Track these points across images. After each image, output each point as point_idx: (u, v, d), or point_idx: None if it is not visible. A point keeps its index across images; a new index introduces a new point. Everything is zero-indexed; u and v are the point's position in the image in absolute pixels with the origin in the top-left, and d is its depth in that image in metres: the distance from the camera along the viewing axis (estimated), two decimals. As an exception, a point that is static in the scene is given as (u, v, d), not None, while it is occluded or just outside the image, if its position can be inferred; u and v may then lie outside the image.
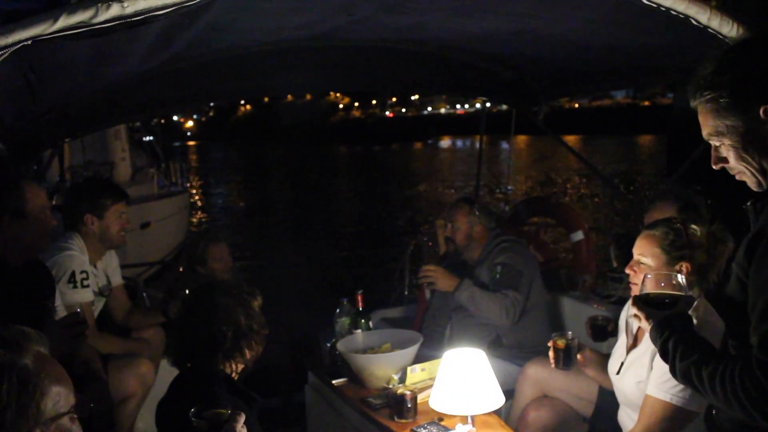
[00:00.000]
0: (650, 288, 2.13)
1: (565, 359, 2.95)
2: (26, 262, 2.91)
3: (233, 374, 2.44)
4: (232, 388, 2.37)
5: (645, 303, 2.11)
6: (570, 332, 2.99)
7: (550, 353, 2.97)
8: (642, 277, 2.35)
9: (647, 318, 2.06)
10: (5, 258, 2.77)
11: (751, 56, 1.72)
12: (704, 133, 1.82)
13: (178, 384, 2.44)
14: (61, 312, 3.15)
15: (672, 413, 2.45)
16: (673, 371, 1.92)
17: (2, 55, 1.88)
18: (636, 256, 2.61)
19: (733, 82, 1.70)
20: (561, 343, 2.94)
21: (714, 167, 1.83)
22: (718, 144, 1.80)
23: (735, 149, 1.76)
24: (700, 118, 1.82)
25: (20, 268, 2.85)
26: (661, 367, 2.47)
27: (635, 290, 2.57)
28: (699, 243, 2.52)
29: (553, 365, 2.98)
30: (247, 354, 2.42)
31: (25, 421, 1.31)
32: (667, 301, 2.08)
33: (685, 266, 2.51)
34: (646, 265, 2.56)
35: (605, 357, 3.05)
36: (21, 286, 2.79)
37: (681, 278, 2.11)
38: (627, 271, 2.66)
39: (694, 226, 2.54)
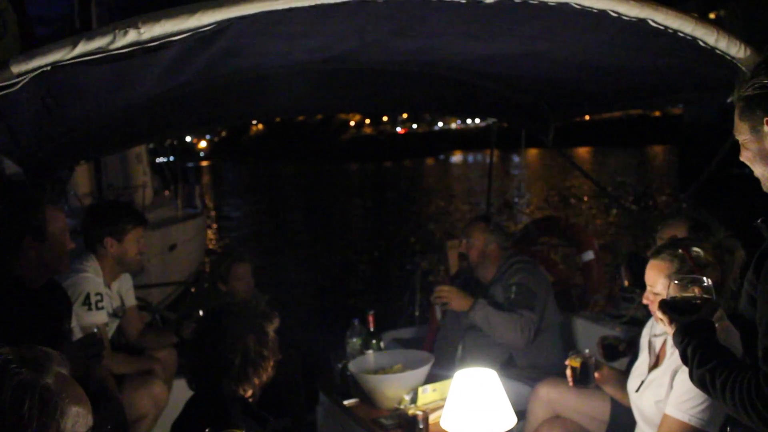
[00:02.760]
0: (676, 292, 2.13)
1: (582, 377, 2.96)
2: (44, 284, 2.93)
3: (247, 395, 2.46)
4: (246, 409, 2.39)
5: (669, 307, 2.11)
6: (587, 350, 3.00)
7: (568, 372, 2.98)
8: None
9: (670, 323, 2.07)
10: (23, 279, 2.80)
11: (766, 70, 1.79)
12: (734, 128, 1.91)
13: (193, 404, 2.46)
14: (77, 333, 3.18)
15: None
16: (691, 376, 1.93)
17: (23, 80, 1.92)
18: (648, 286, 2.62)
19: (754, 87, 1.79)
20: (577, 361, 2.96)
21: (741, 159, 1.91)
22: (740, 140, 1.89)
23: (746, 150, 1.86)
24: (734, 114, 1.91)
25: (38, 290, 2.88)
26: (681, 387, 2.47)
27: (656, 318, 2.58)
28: (706, 263, 2.53)
29: (570, 383, 2.98)
30: (255, 380, 2.44)
31: None
32: (691, 306, 2.08)
33: (698, 290, 2.51)
34: (659, 294, 2.55)
35: (623, 374, 3.05)
36: (38, 308, 2.81)
37: (707, 282, 2.11)
38: (644, 301, 2.67)
39: (696, 249, 2.54)
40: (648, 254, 2.74)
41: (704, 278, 2.13)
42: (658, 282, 2.57)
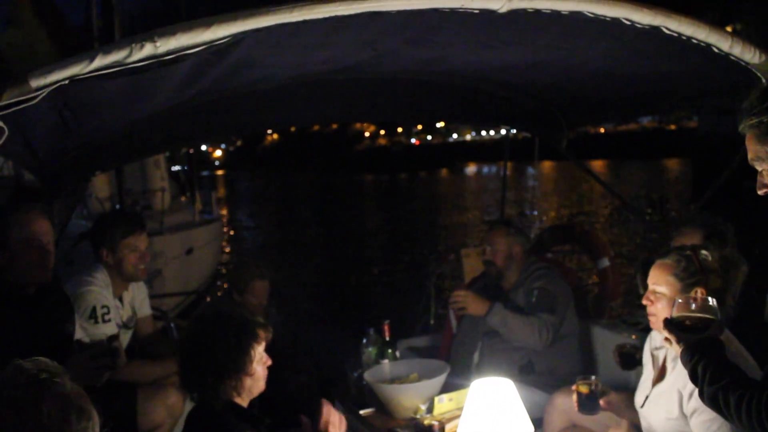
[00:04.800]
0: (681, 311, 2.13)
1: (588, 404, 2.93)
2: (38, 289, 2.92)
3: (243, 403, 2.49)
4: (240, 415, 2.42)
5: (676, 326, 2.10)
6: (594, 377, 2.97)
7: (574, 397, 2.96)
8: (657, 306, 2.35)
9: (678, 342, 2.06)
10: (15, 285, 2.81)
11: None
12: (749, 157, 1.86)
13: (191, 417, 2.49)
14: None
15: None
16: (701, 395, 1.92)
17: (41, 94, 1.95)
18: (651, 285, 2.61)
19: (766, 113, 1.74)
20: (584, 388, 2.92)
21: (759, 192, 1.86)
22: (760, 169, 1.83)
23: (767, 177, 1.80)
24: (746, 143, 1.85)
25: (32, 295, 2.88)
26: (700, 416, 2.41)
27: (653, 321, 2.59)
28: (711, 268, 2.52)
29: (576, 409, 2.96)
30: (243, 385, 2.46)
31: None
32: (698, 325, 2.07)
33: (700, 291, 2.50)
34: (661, 293, 2.55)
35: (630, 397, 3.02)
36: (33, 313, 2.82)
37: (713, 301, 2.10)
38: (644, 302, 2.65)
39: (704, 252, 2.54)
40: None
41: (709, 298, 2.12)
42: (662, 281, 2.56)
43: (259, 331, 2.51)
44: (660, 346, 2.77)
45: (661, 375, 2.77)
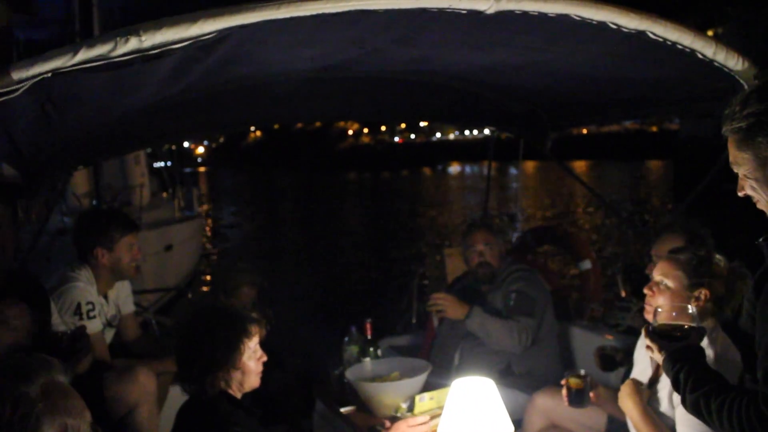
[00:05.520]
0: (663, 319, 2.16)
1: (578, 398, 2.96)
2: (6, 280, 2.90)
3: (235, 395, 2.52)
4: (233, 402, 2.44)
5: (658, 335, 2.13)
6: (583, 370, 2.99)
7: (563, 391, 2.98)
8: (658, 299, 2.43)
9: (660, 350, 2.08)
10: None
11: (760, 98, 1.78)
12: (730, 160, 1.90)
13: (184, 410, 2.51)
14: None
15: None
16: (683, 402, 1.94)
17: (23, 87, 1.93)
18: (657, 277, 2.64)
19: (748, 117, 1.78)
20: (574, 382, 2.95)
21: (738, 194, 1.90)
22: (738, 173, 1.88)
23: (748, 180, 1.84)
24: (728, 147, 1.89)
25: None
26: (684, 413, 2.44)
27: (649, 311, 2.61)
28: (720, 274, 2.56)
29: (566, 403, 2.98)
30: (236, 378, 2.50)
31: None
32: (679, 333, 2.10)
33: (704, 293, 2.55)
34: (666, 286, 2.59)
35: (617, 392, 3.04)
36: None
37: (693, 310, 2.14)
38: (645, 291, 2.68)
39: (719, 257, 2.58)
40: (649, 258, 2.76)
41: (689, 306, 2.16)
42: (671, 275, 2.59)
43: (250, 327, 2.55)
44: None
45: (657, 373, 2.78)
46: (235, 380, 2.51)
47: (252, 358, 2.54)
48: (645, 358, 2.89)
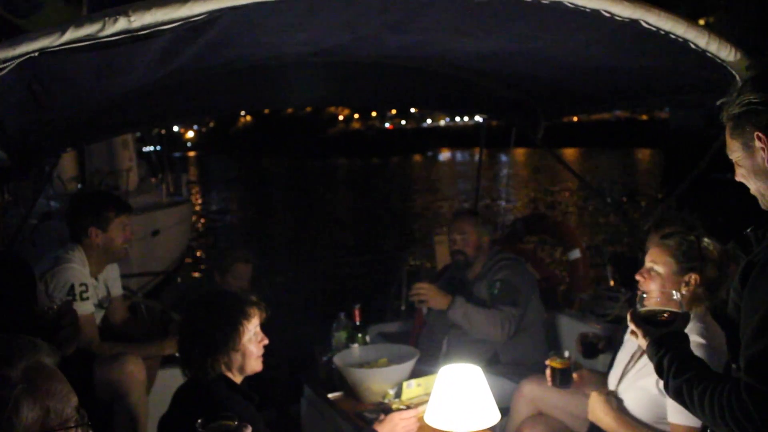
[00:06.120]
0: (649, 305, 2.17)
1: (562, 379, 2.99)
2: None
3: (234, 379, 2.54)
4: (231, 387, 2.45)
5: (642, 320, 2.14)
6: (567, 352, 3.02)
7: (547, 372, 3.00)
8: (650, 285, 2.51)
9: (644, 335, 2.10)
10: None
11: (756, 86, 1.80)
12: (726, 147, 1.93)
13: (180, 393, 2.51)
14: None
15: None
16: (666, 388, 1.96)
17: (8, 66, 1.90)
18: (648, 263, 2.69)
19: (741, 104, 1.80)
20: (558, 363, 2.98)
21: (736, 179, 1.92)
22: (732, 159, 1.91)
23: (740, 168, 1.87)
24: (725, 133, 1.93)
25: None
26: None
27: (648, 297, 2.63)
28: (711, 257, 2.59)
29: (549, 383, 3.00)
30: (237, 361, 2.52)
31: None
32: (664, 318, 2.11)
33: (694, 277, 2.60)
34: (657, 272, 2.65)
35: (602, 375, 3.06)
36: None
37: (677, 296, 2.15)
38: (637, 277, 2.74)
39: (707, 240, 2.62)
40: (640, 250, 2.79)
41: (674, 291, 2.17)
42: (661, 260, 2.65)
43: (249, 309, 2.56)
44: None
45: (640, 353, 2.81)
46: (236, 363, 2.52)
47: (252, 340, 2.55)
48: (629, 342, 2.92)
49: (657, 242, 2.73)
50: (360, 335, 3.81)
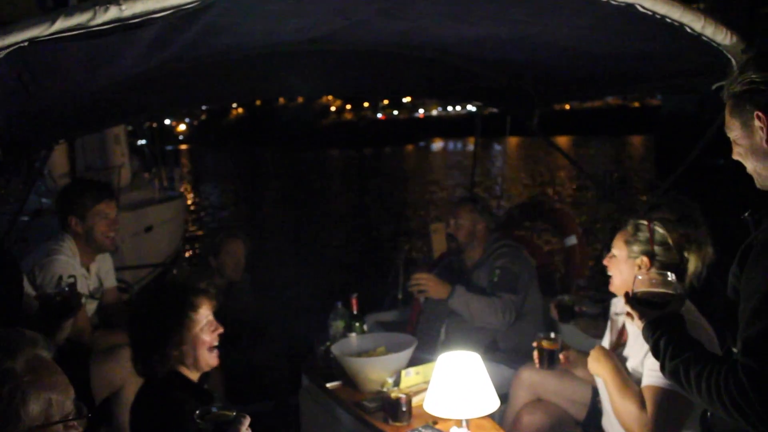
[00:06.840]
0: (642, 287, 2.17)
1: (549, 359, 3.01)
2: None
3: (190, 376, 2.48)
4: (185, 386, 2.41)
5: (638, 302, 2.14)
6: (553, 333, 3.05)
7: (534, 353, 3.02)
8: (614, 269, 2.72)
9: (640, 317, 2.10)
10: None
11: (759, 65, 1.81)
12: (725, 125, 1.94)
13: (140, 392, 2.48)
14: None
15: (672, 399, 2.44)
16: (662, 369, 1.97)
17: (-2, 56, 1.87)
18: (612, 249, 2.82)
19: (743, 83, 1.82)
20: (545, 343, 3.01)
21: (733, 158, 1.93)
22: (730, 137, 1.92)
23: (738, 146, 1.88)
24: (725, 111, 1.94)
25: None
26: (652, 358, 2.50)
27: (612, 282, 2.85)
28: (662, 241, 2.64)
29: (537, 365, 3.03)
30: (186, 357, 2.45)
31: (6, 425, 1.30)
32: (659, 300, 2.12)
33: (644, 261, 2.68)
34: (613, 256, 2.80)
35: (588, 355, 3.07)
36: None
37: (673, 277, 2.16)
38: (604, 262, 2.87)
39: (657, 224, 2.67)
40: None
41: (668, 273, 2.18)
42: (617, 245, 2.79)
43: (195, 299, 2.48)
44: (621, 311, 2.85)
45: (620, 340, 2.85)
46: (188, 357, 2.45)
47: (205, 330, 2.47)
48: (610, 326, 2.96)
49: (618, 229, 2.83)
50: (357, 324, 3.80)
